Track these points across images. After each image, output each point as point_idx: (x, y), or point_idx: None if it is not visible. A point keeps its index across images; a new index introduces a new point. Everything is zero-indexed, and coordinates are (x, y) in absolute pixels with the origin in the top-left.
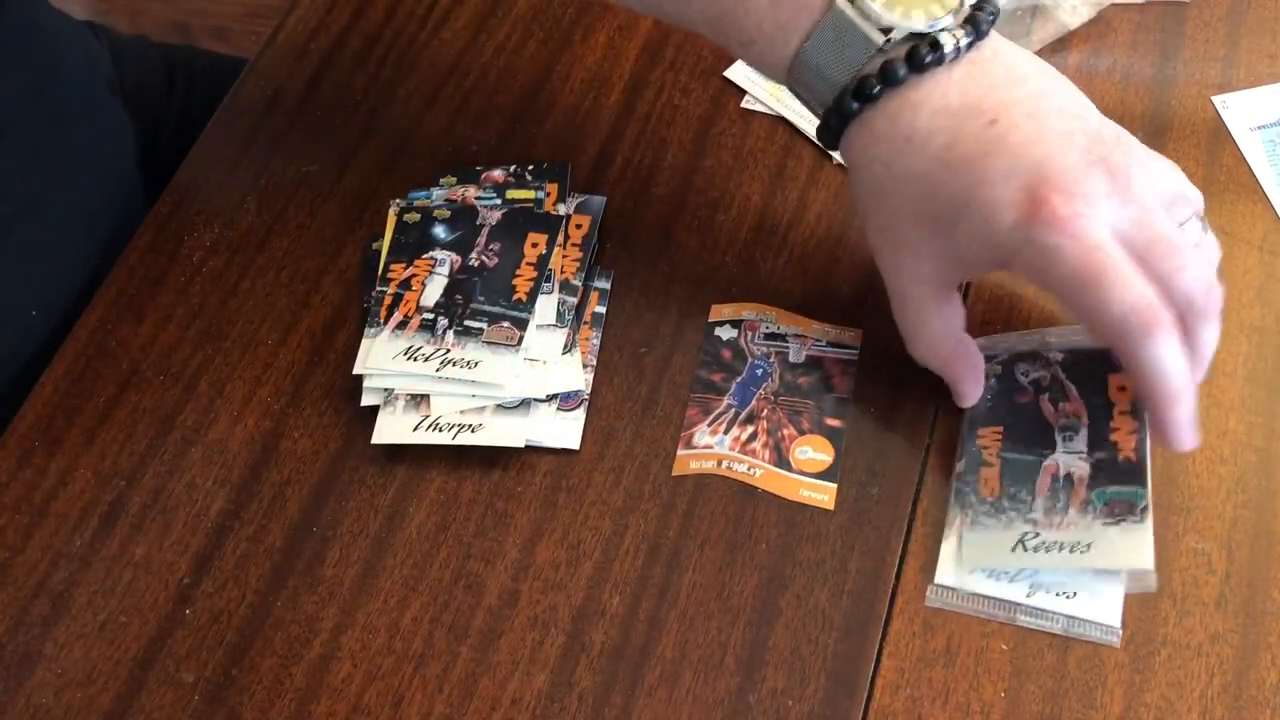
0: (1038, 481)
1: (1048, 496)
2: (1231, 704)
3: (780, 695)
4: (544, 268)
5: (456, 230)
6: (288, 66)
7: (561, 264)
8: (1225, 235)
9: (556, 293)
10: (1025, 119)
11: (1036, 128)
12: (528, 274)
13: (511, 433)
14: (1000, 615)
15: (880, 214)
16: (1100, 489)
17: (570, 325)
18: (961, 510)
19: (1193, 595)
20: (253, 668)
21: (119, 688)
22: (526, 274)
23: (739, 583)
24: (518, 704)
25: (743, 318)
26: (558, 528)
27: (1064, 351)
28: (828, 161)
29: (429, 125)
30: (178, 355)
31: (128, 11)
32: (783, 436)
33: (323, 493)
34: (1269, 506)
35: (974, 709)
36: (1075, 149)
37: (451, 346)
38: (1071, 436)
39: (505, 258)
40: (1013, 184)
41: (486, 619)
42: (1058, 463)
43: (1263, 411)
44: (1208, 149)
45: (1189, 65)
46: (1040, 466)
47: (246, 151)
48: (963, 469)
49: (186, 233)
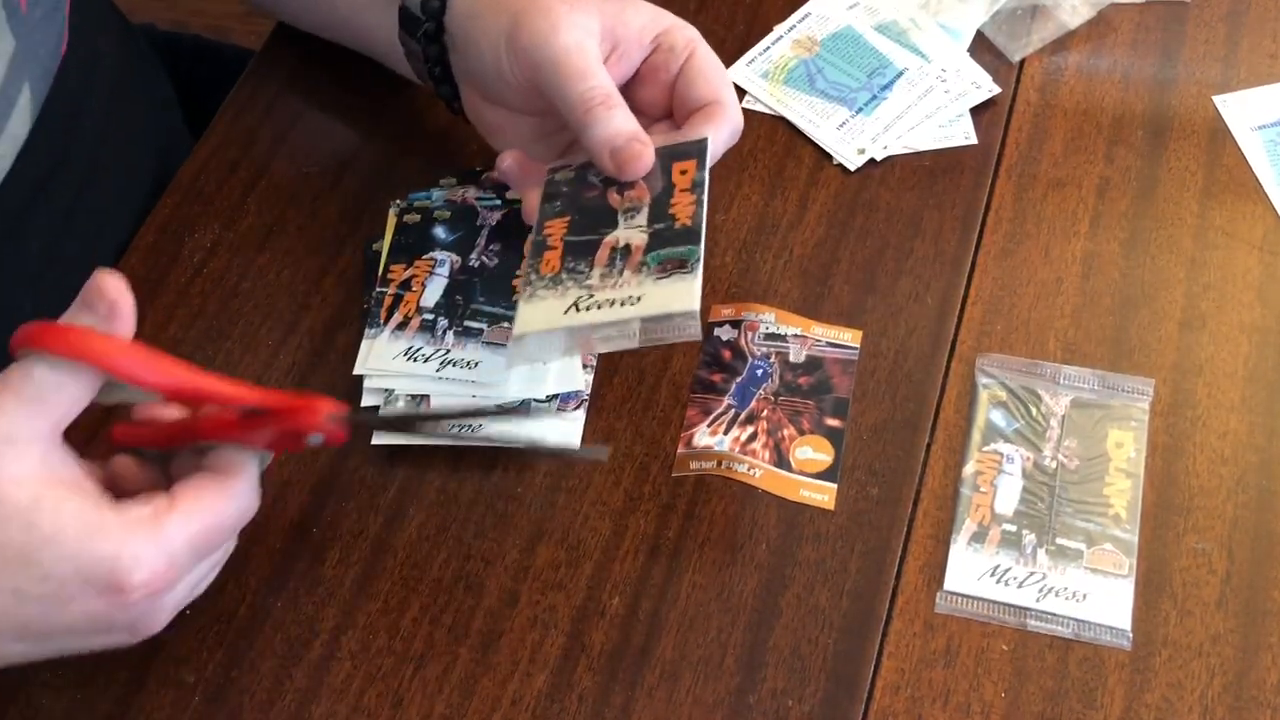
0: (596, 254)
1: (605, 266)
2: (1232, 704)
3: (780, 695)
4: (520, 291)
5: (456, 231)
6: (288, 67)
7: None
8: (1225, 235)
9: None
10: None
11: None
12: None
13: (511, 433)
14: (1010, 621)
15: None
16: (655, 252)
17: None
18: (523, 289)
19: (1193, 595)
20: (253, 668)
21: (119, 688)
22: None
23: (739, 583)
24: (518, 704)
25: (743, 318)
26: (558, 528)
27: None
28: (828, 161)
29: (429, 126)
30: (178, 356)
31: (126, 10)
32: (783, 437)
33: (323, 493)
34: (1269, 506)
35: (974, 709)
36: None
37: (451, 347)
38: (634, 215)
39: (505, 258)
40: None
41: (486, 619)
42: (617, 236)
43: (1263, 411)
44: (1208, 149)
45: (1189, 65)
46: (600, 243)
47: (246, 152)
48: (527, 256)
49: (187, 233)
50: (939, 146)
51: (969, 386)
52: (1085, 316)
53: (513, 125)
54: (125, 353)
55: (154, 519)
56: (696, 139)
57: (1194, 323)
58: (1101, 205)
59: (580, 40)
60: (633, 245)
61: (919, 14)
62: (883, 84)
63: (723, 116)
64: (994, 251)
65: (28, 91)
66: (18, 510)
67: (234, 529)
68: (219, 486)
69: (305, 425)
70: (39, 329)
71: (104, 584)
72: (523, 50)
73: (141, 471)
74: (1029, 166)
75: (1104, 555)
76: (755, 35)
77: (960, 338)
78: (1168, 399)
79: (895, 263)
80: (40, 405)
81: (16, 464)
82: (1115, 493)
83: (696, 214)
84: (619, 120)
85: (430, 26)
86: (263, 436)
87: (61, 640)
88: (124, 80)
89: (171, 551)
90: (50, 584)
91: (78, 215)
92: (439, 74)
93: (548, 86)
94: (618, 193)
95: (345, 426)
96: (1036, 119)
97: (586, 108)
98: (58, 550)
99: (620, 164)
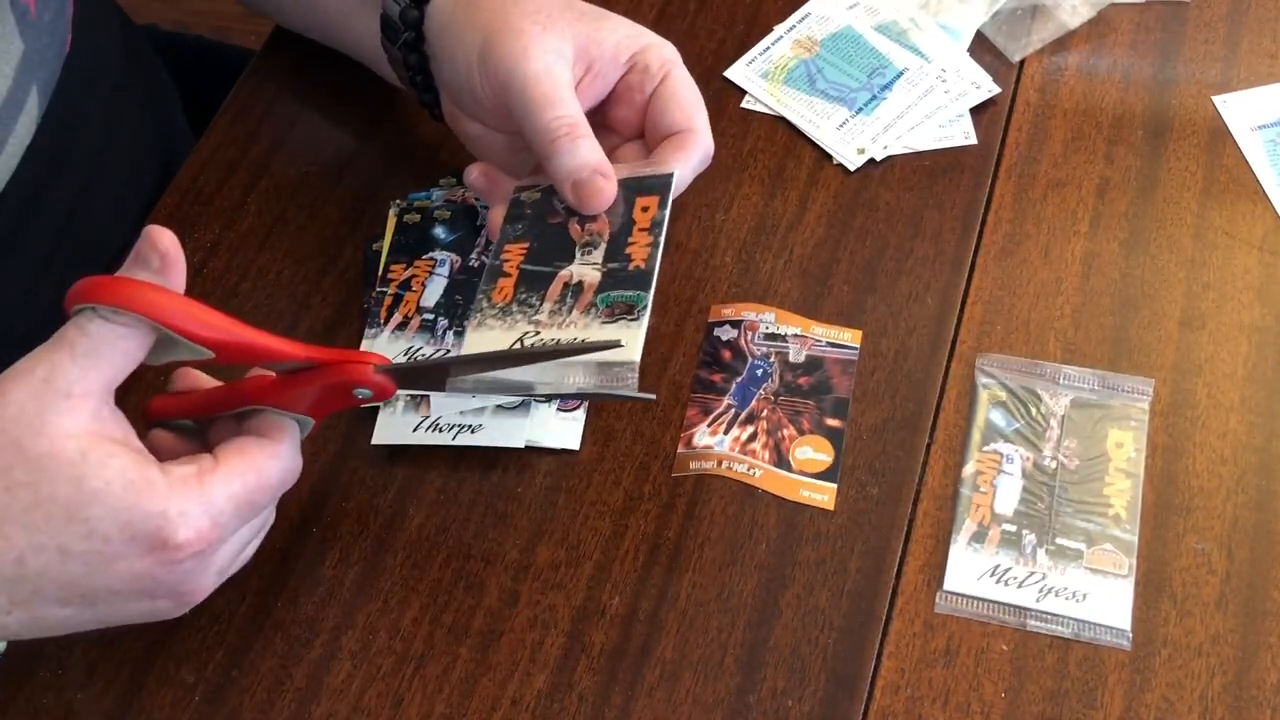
0: (549, 289)
1: (556, 301)
2: (1232, 704)
3: (780, 695)
4: (470, 315)
5: (456, 231)
6: (288, 68)
7: None
8: (1225, 235)
9: None
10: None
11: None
12: None
13: (511, 433)
14: (1010, 621)
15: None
16: (605, 293)
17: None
18: (473, 314)
19: (1193, 595)
20: (253, 668)
21: (119, 688)
22: None
23: (739, 583)
24: (518, 704)
25: (743, 318)
26: (558, 528)
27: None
28: (828, 161)
29: (429, 126)
30: None
31: (129, 11)
32: (783, 437)
33: (323, 493)
34: (1269, 506)
35: (974, 709)
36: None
37: (451, 347)
38: (591, 250)
39: None
40: None
41: (486, 619)
42: (571, 271)
43: (1263, 411)
44: (1208, 149)
45: (1189, 65)
46: (555, 276)
47: (246, 152)
48: (483, 279)
49: (187, 233)
50: (939, 146)
51: (969, 386)
52: (1085, 316)
53: (487, 139)
54: (179, 305)
55: (199, 477)
56: (663, 173)
57: (1194, 323)
58: (1101, 205)
59: (550, 65)
60: (585, 283)
61: (919, 14)
62: (883, 84)
63: (693, 145)
64: (994, 251)
65: (35, 95)
66: (67, 463)
67: (277, 490)
68: (262, 446)
69: (354, 378)
70: (94, 283)
71: (150, 541)
72: (492, 71)
73: (180, 443)
74: (1029, 166)
75: (1104, 555)
76: (755, 35)
77: (960, 338)
78: (1168, 399)
79: (895, 263)
80: (95, 360)
81: (69, 418)
82: (1115, 493)
83: (651, 256)
84: (584, 152)
85: (410, 36)
86: (308, 396)
87: (105, 605)
88: (126, 81)
89: (216, 510)
90: (95, 541)
91: (80, 215)
92: (421, 82)
93: (515, 110)
94: (579, 224)
95: (393, 380)
96: (1036, 119)
97: (552, 137)
98: (104, 506)
99: (581, 198)
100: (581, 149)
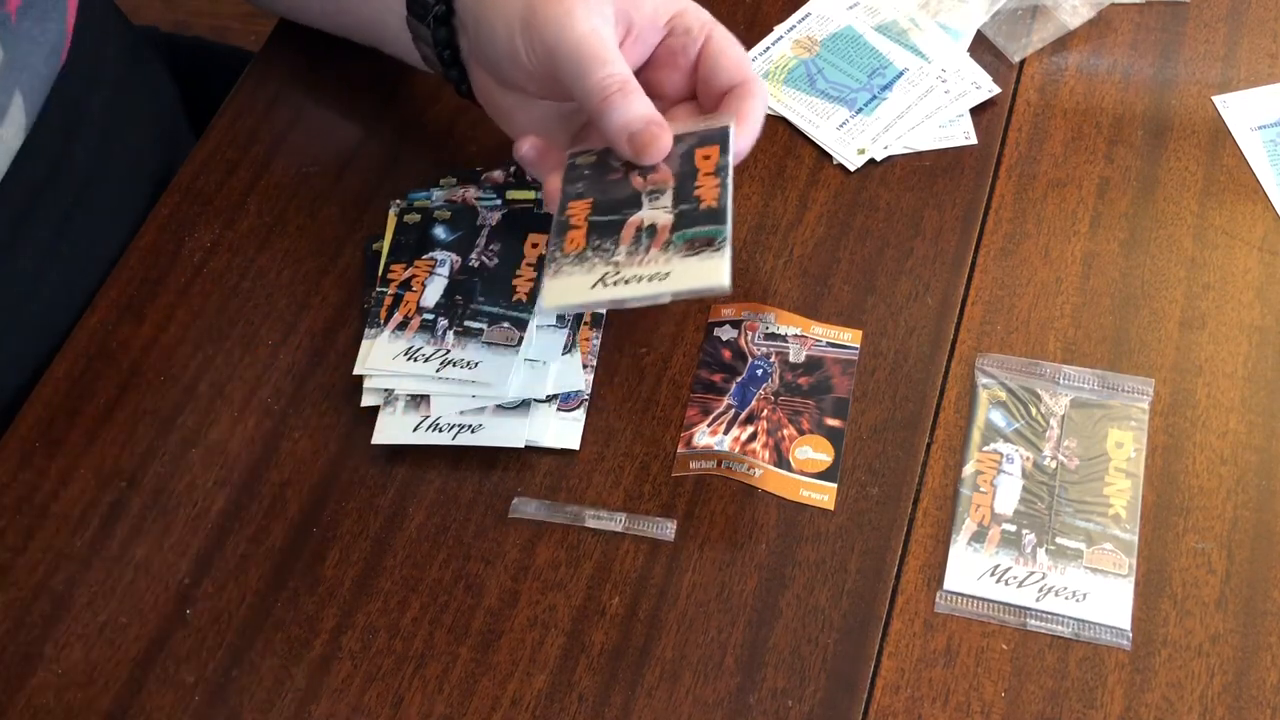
0: (622, 233)
1: (631, 243)
2: (1232, 704)
3: (780, 695)
4: (544, 268)
5: (456, 231)
6: (288, 67)
7: None
8: (1225, 235)
9: None
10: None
11: None
12: (528, 275)
13: (511, 433)
14: (1010, 620)
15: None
16: (681, 231)
17: (570, 326)
18: (548, 266)
19: (1193, 595)
20: (253, 668)
21: (119, 688)
22: (527, 275)
23: (739, 583)
24: (518, 704)
25: (743, 318)
26: (558, 528)
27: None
28: (828, 161)
29: (429, 125)
30: (178, 356)
31: (128, 12)
32: (783, 437)
33: (323, 493)
34: (1269, 506)
35: (974, 709)
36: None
37: (451, 347)
38: (658, 197)
39: (505, 258)
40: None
41: (486, 619)
42: (642, 216)
43: (1263, 411)
44: (1208, 149)
45: (1189, 65)
46: (625, 222)
47: (246, 151)
48: (551, 236)
49: (187, 233)
50: (939, 146)
51: (969, 386)
52: (1085, 316)
53: (525, 109)
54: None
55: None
56: (719, 125)
57: (1194, 323)
58: (1101, 205)
59: (596, 26)
60: (659, 225)
61: (919, 14)
62: (883, 84)
63: (755, 94)
64: (994, 251)
65: (19, 99)
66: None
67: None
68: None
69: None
70: None
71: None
72: (538, 36)
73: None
74: (1029, 166)
75: (1104, 555)
76: (755, 35)
77: (960, 338)
78: (1167, 399)
79: (895, 263)
80: None
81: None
82: (1115, 493)
83: (722, 196)
84: (636, 106)
85: (440, 9)
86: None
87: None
88: (126, 82)
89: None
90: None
91: (79, 216)
92: (448, 57)
93: (564, 73)
94: (640, 176)
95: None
96: (1036, 119)
97: (604, 94)
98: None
99: (638, 148)
100: (635, 102)
